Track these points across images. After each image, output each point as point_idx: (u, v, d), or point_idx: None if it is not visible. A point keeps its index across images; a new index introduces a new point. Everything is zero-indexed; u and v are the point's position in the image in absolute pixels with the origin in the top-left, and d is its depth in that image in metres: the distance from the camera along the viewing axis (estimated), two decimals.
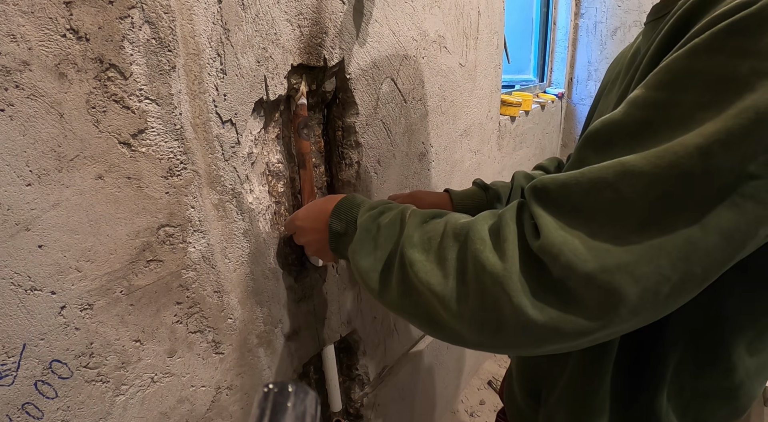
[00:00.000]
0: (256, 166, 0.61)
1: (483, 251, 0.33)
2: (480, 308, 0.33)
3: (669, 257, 0.28)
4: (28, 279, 0.39)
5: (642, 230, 0.28)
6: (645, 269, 0.28)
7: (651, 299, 0.29)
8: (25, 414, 0.40)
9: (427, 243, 0.39)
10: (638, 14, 1.97)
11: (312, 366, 0.84)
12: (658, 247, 0.28)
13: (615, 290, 0.28)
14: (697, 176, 0.27)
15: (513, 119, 1.55)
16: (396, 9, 0.78)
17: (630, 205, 0.28)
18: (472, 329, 0.34)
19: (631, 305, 0.29)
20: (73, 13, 0.38)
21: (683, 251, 0.28)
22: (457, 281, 0.35)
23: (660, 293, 0.29)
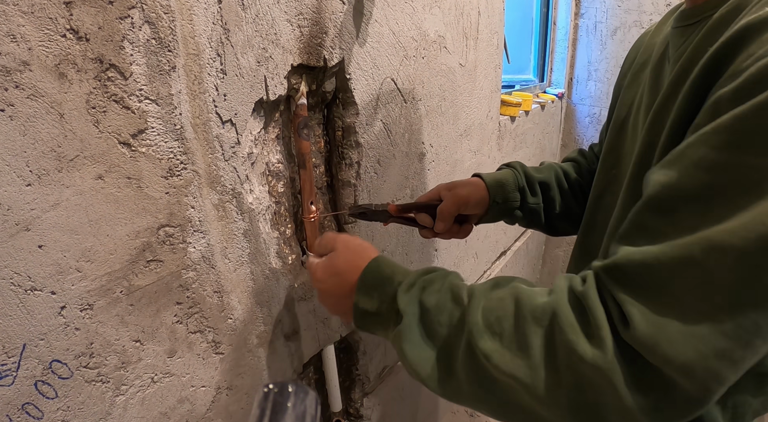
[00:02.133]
0: (256, 166, 0.61)
1: (577, 342, 0.32)
2: (577, 397, 0.32)
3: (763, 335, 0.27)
4: (28, 279, 0.39)
5: (735, 309, 0.27)
6: (742, 352, 0.27)
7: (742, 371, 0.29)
8: (25, 414, 0.40)
9: (497, 325, 0.36)
10: (638, 14, 1.97)
11: (312, 366, 0.84)
12: (754, 326, 0.27)
13: (715, 376, 0.28)
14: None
15: (513, 119, 1.55)
16: (396, 9, 0.78)
17: (720, 283, 0.27)
18: (568, 415, 0.33)
19: (728, 383, 0.29)
20: (73, 13, 0.38)
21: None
22: (547, 369, 0.33)
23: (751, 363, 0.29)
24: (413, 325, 0.41)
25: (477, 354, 0.36)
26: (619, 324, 0.31)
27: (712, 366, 0.28)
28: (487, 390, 0.37)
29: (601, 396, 0.31)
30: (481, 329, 0.37)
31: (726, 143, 0.28)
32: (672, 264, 0.29)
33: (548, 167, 0.73)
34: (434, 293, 0.42)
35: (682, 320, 0.28)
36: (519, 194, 0.68)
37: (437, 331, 0.40)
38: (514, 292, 0.38)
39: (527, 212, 0.69)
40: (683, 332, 0.28)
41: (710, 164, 0.28)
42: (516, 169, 0.70)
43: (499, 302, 0.37)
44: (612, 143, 0.53)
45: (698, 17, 0.40)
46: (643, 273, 0.30)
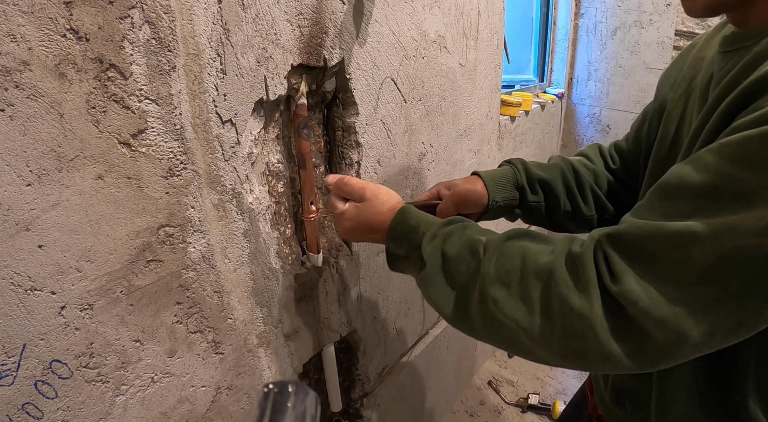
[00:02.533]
0: (256, 166, 0.61)
1: (569, 295, 0.38)
2: (566, 341, 0.39)
3: (723, 308, 0.34)
4: (28, 279, 0.39)
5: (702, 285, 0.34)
6: (705, 316, 0.35)
7: (708, 339, 0.35)
8: (25, 414, 0.40)
9: (506, 277, 0.43)
10: (638, 14, 1.97)
11: (312, 366, 0.84)
12: (715, 299, 0.34)
13: (682, 332, 0.35)
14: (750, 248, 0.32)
15: (513, 119, 1.54)
16: (396, 9, 0.78)
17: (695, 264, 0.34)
18: (558, 356, 0.40)
19: (692, 343, 0.35)
20: (73, 13, 0.38)
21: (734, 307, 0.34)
22: (543, 317, 0.40)
23: (716, 336, 0.35)
24: (436, 272, 0.48)
25: (488, 299, 0.43)
26: (608, 280, 0.38)
27: (680, 324, 0.35)
28: (495, 330, 0.43)
29: (586, 341, 0.38)
30: (492, 278, 0.43)
31: (731, 155, 0.34)
32: (664, 240, 0.36)
33: (554, 166, 0.71)
34: (455, 245, 0.48)
35: (663, 284, 0.35)
36: (518, 192, 0.69)
37: (456, 278, 0.47)
38: (523, 250, 0.44)
39: (527, 210, 0.70)
40: (663, 293, 0.35)
41: (715, 169, 0.35)
42: (516, 166, 0.70)
43: (509, 258, 0.44)
44: (660, 157, 0.56)
45: (739, 45, 0.44)
46: (639, 242, 0.37)
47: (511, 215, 0.71)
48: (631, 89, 2.05)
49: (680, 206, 0.36)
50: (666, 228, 0.36)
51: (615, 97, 2.10)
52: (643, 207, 0.40)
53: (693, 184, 0.36)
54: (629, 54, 2.03)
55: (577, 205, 0.70)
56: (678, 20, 1.89)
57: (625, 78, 2.06)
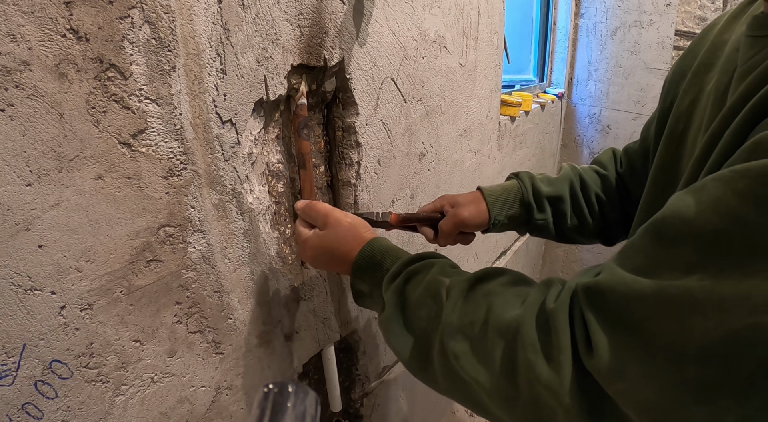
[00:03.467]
0: (256, 166, 0.61)
1: (536, 362, 0.32)
2: (533, 413, 0.33)
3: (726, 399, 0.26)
4: (28, 279, 0.39)
5: (703, 363, 0.26)
6: (700, 408, 0.26)
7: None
8: (25, 414, 0.40)
9: (469, 328, 0.37)
10: (638, 14, 1.97)
11: (312, 366, 0.84)
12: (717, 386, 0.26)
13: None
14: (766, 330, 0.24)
15: (513, 119, 1.55)
16: (396, 9, 0.78)
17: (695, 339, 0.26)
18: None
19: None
20: (73, 13, 0.38)
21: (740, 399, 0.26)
22: (507, 380, 0.34)
23: None
24: (395, 315, 0.43)
25: (448, 352, 0.37)
26: (583, 349, 0.30)
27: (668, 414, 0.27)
28: (458, 386, 0.38)
29: (555, 418, 0.31)
30: (454, 329, 0.38)
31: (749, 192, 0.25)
32: (654, 305, 0.27)
33: (564, 178, 0.67)
34: (417, 287, 0.42)
35: (648, 360, 0.27)
36: (524, 209, 0.66)
37: (416, 324, 0.42)
38: (489, 298, 0.38)
39: (534, 227, 0.67)
40: (645, 372, 0.27)
41: (727, 210, 0.26)
42: (523, 181, 0.67)
43: (475, 306, 0.38)
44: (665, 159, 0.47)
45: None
46: (623, 306, 0.29)
47: (518, 230, 0.68)
48: (631, 89, 2.05)
49: (679, 255, 0.27)
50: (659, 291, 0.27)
51: (615, 97, 2.10)
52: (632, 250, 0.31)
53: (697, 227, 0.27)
54: (629, 54, 2.03)
55: (584, 218, 0.67)
56: (678, 20, 1.89)
57: (625, 78, 2.06)
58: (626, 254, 0.31)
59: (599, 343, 0.29)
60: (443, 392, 0.40)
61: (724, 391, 0.26)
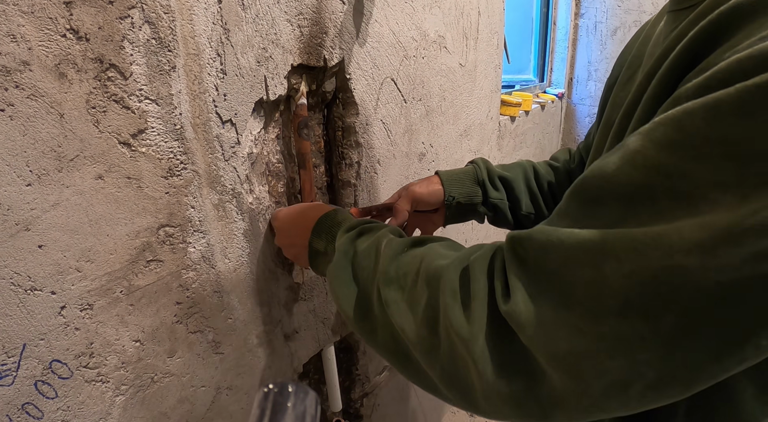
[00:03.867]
0: (256, 166, 0.61)
1: (453, 307, 0.31)
2: (450, 363, 0.31)
3: (646, 352, 0.24)
4: (28, 279, 0.39)
5: (620, 316, 0.24)
6: (615, 361, 0.25)
7: (618, 395, 0.26)
8: (25, 414, 0.40)
9: (403, 279, 0.37)
10: (638, 14, 1.97)
11: (312, 366, 0.84)
12: (636, 338, 0.24)
13: (582, 377, 0.26)
14: (691, 272, 0.22)
15: (513, 119, 1.55)
16: (396, 9, 0.78)
17: (611, 287, 0.24)
18: (443, 383, 0.33)
19: (594, 398, 0.26)
20: (73, 13, 0.38)
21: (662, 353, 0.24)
22: (429, 329, 0.33)
23: (630, 390, 0.25)
24: (344, 263, 0.43)
25: (382, 300, 0.38)
26: (501, 296, 0.29)
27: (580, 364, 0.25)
28: (393, 339, 0.37)
29: (467, 371, 0.30)
30: (390, 278, 0.38)
31: (666, 140, 0.24)
32: (567, 255, 0.26)
33: (517, 165, 0.69)
34: (366, 240, 0.44)
35: (563, 308, 0.26)
36: (480, 188, 0.66)
37: (360, 274, 0.42)
38: (426, 251, 0.38)
39: (491, 207, 0.67)
40: (560, 319, 0.26)
41: (644, 160, 0.25)
42: (477, 164, 0.68)
43: (411, 259, 0.38)
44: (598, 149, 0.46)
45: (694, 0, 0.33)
46: (540, 253, 0.28)
47: (476, 214, 0.69)
48: None
49: (601, 213, 0.26)
50: (575, 237, 0.26)
51: None
52: (559, 213, 0.30)
53: (618, 184, 0.26)
54: None
55: (539, 206, 0.67)
56: None
57: None
58: (552, 218, 0.30)
59: (515, 289, 0.28)
60: (381, 347, 0.39)
61: (642, 345, 0.24)
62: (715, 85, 0.23)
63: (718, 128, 0.22)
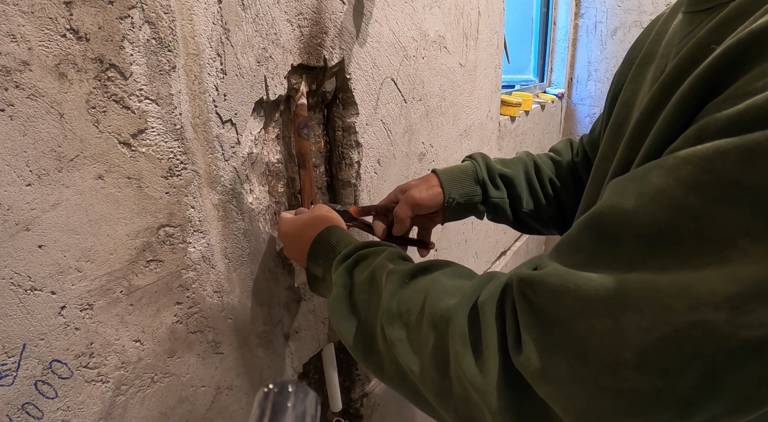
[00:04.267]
0: (256, 166, 0.61)
1: (464, 355, 0.29)
2: (464, 409, 0.30)
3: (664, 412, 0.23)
4: (28, 279, 0.39)
5: (640, 370, 0.23)
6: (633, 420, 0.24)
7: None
8: (25, 414, 0.40)
9: (407, 316, 0.35)
10: (638, 14, 1.97)
11: (312, 366, 0.84)
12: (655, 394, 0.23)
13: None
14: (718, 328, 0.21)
15: (513, 119, 1.55)
16: (396, 9, 0.78)
17: (631, 339, 0.23)
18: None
19: None
20: (73, 13, 0.38)
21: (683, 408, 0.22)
22: (439, 373, 0.32)
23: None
24: (342, 297, 0.42)
25: (387, 339, 0.36)
26: (512, 345, 0.28)
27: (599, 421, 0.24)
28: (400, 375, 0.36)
29: (482, 416, 0.29)
30: (393, 315, 0.36)
31: (695, 181, 0.22)
32: (585, 302, 0.25)
33: (518, 160, 0.67)
34: (364, 270, 0.42)
35: (580, 362, 0.25)
36: (479, 187, 0.64)
37: (360, 308, 0.41)
38: (429, 286, 0.36)
39: (491, 206, 0.66)
40: (577, 375, 0.25)
41: (669, 201, 0.23)
42: (477, 161, 0.65)
43: (414, 294, 0.36)
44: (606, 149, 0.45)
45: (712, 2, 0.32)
46: (553, 300, 0.26)
47: (475, 212, 0.67)
48: None
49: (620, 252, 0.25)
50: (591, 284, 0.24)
51: None
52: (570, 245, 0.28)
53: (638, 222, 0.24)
54: None
55: (540, 202, 0.66)
56: None
57: None
58: (563, 250, 0.28)
59: (528, 340, 0.27)
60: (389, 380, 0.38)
61: (661, 404, 0.23)
62: (749, 125, 0.21)
63: (751, 174, 0.20)
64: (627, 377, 0.23)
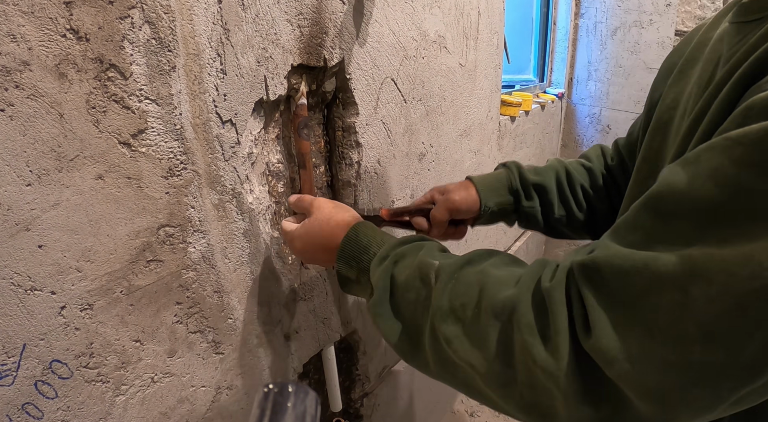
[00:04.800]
0: (256, 166, 0.61)
1: (533, 344, 0.30)
2: (530, 395, 0.31)
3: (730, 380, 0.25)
4: (28, 279, 0.39)
5: (706, 343, 0.24)
6: (702, 391, 0.25)
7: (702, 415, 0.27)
8: (25, 414, 0.40)
9: (461, 311, 0.35)
10: (638, 14, 1.97)
11: (312, 366, 0.84)
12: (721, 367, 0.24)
13: (668, 408, 0.26)
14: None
15: (513, 119, 1.55)
16: (396, 9, 0.78)
17: (698, 311, 0.24)
18: (520, 410, 0.33)
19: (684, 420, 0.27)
20: (73, 13, 0.38)
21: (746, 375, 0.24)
22: (503, 364, 0.32)
23: (715, 411, 0.26)
24: (384, 300, 0.41)
25: (439, 336, 0.36)
26: (581, 329, 0.29)
27: (670, 397, 0.26)
28: (450, 371, 0.37)
29: (552, 401, 0.30)
30: (445, 312, 0.36)
31: (748, 158, 0.24)
32: (653, 278, 0.26)
33: (550, 169, 0.69)
34: (405, 269, 0.41)
35: (648, 339, 0.26)
36: (512, 197, 0.66)
37: (406, 308, 0.40)
38: (481, 278, 0.36)
39: (523, 215, 0.67)
40: (647, 352, 0.26)
41: (725, 178, 0.25)
42: (511, 170, 0.68)
43: (466, 288, 0.36)
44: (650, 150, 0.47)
45: (761, 14, 0.34)
46: (620, 280, 0.28)
47: (507, 219, 0.69)
48: (631, 89, 2.05)
49: (679, 229, 0.26)
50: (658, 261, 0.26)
51: (615, 97, 2.11)
52: (628, 226, 0.30)
53: (695, 197, 0.26)
54: (629, 54, 2.03)
55: (571, 209, 0.67)
56: (678, 20, 1.89)
57: (625, 78, 2.06)
58: (621, 230, 0.30)
59: (597, 322, 0.28)
60: (435, 376, 0.39)
61: (727, 373, 0.24)
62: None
63: None
64: (694, 350, 0.25)
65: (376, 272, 0.43)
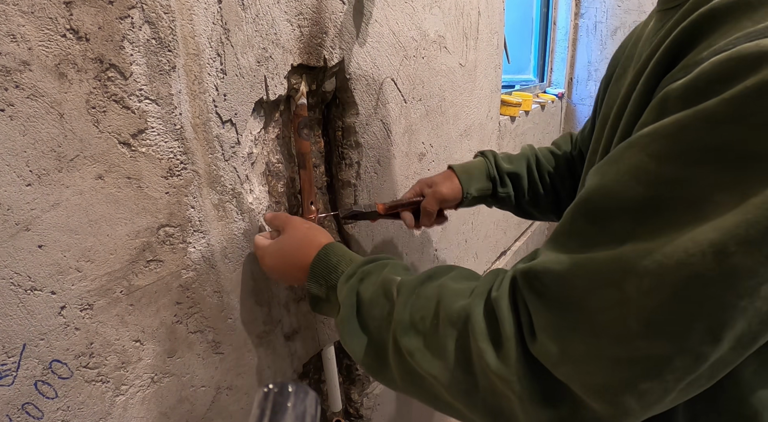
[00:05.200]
0: (256, 166, 0.61)
1: (486, 350, 0.31)
2: (492, 401, 0.32)
3: (675, 370, 0.25)
4: (28, 279, 0.39)
5: (649, 337, 0.25)
6: (650, 383, 0.26)
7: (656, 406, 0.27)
8: (25, 414, 0.40)
9: (421, 323, 0.36)
10: (638, 14, 1.97)
11: (312, 366, 0.84)
12: (665, 357, 0.25)
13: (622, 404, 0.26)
14: (709, 278, 0.23)
15: (513, 119, 1.55)
16: (396, 9, 0.78)
17: (636, 306, 0.25)
18: (485, 417, 0.33)
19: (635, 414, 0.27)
20: (73, 13, 0.38)
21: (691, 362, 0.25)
22: (463, 371, 0.33)
23: (665, 401, 0.27)
24: (351, 316, 0.42)
25: (402, 350, 0.37)
26: (528, 335, 0.30)
27: (618, 393, 0.26)
28: (417, 384, 0.37)
29: (510, 406, 0.31)
30: (406, 326, 0.37)
31: (665, 152, 0.25)
32: (590, 280, 0.27)
33: (522, 157, 0.76)
34: (370, 286, 0.42)
35: (593, 339, 0.26)
36: (491, 183, 0.74)
37: (372, 324, 0.41)
38: (440, 291, 0.37)
39: (498, 199, 0.75)
40: (592, 352, 0.26)
41: (647, 174, 0.25)
42: (488, 158, 0.75)
43: (426, 301, 0.37)
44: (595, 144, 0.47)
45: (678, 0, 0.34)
46: (559, 284, 0.28)
47: (485, 202, 0.77)
48: None
49: (613, 230, 0.27)
50: (591, 262, 0.27)
51: None
52: (564, 232, 0.30)
53: (622, 198, 0.26)
54: None
55: (538, 193, 0.75)
56: None
57: None
58: (559, 237, 0.30)
59: (540, 327, 0.29)
60: (403, 391, 0.40)
61: (672, 364, 0.25)
62: (702, 87, 0.24)
63: (712, 137, 0.23)
64: (639, 346, 0.25)
65: (343, 290, 0.44)
